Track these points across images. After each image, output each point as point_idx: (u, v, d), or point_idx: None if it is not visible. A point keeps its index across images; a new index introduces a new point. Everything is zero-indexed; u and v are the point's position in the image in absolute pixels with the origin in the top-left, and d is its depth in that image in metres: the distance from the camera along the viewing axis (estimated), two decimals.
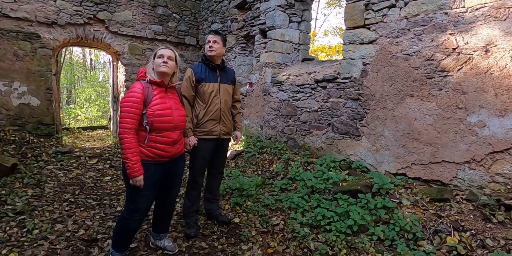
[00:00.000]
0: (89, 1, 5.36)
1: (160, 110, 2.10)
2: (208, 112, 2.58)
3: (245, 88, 5.46)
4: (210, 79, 2.59)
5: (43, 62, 5.08)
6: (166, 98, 2.19)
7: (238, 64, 5.64)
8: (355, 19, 3.31)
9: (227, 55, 5.92)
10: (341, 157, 3.67)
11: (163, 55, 2.14)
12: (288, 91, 4.40)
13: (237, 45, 5.61)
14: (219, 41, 2.57)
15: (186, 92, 2.56)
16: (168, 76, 2.20)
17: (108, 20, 5.60)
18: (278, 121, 4.63)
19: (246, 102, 5.39)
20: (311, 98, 4.04)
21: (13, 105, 4.94)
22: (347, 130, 3.55)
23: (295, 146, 4.34)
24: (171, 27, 6.43)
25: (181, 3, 6.50)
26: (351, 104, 3.48)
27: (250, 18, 5.13)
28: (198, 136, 2.60)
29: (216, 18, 6.22)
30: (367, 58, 3.25)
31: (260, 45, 4.98)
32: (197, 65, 2.65)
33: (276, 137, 4.69)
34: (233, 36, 5.70)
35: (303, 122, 4.18)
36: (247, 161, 4.52)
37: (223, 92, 2.64)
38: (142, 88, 2.08)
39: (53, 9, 5.06)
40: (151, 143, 2.11)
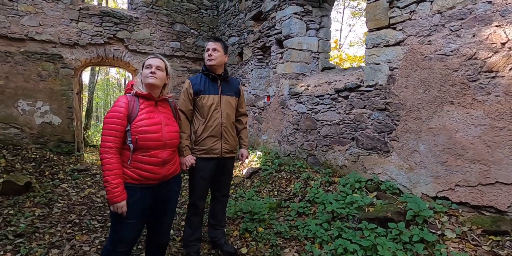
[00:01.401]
0: (109, 22, 5.51)
1: (146, 127, 1.84)
2: (207, 128, 2.30)
3: (262, 101, 5.17)
4: (210, 91, 2.32)
5: (65, 82, 5.22)
6: (155, 112, 1.94)
7: (255, 77, 5.40)
8: (378, 19, 2.93)
9: (244, 68, 5.73)
10: (367, 176, 3.17)
11: (151, 65, 1.92)
12: (307, 103, 4.03)
13: (253, 57, 5.41)
14: (219, 49, 2.32)
15: (183, 106, 2.31)
16: (158, 88, 1.96)
17: (127, 39, 5.71)
18: (297, 136, 4.24)
19: (264, 116, 5.08)
20: (331, 110, 3.63)
21: (36, 124, 5.07)
22: (374, 144, 3.07)
23: (315, 163, 3.90)
24: (189, 43, 6.43)
25: (198, 19, 6.52)
26: (377, 115, 3.03)
27: (266, 29, 4.92)
28: (196, 154, 2.30)
29: (233, 32, 6.12)
30: (394, 62, 2.82)
31: (276, 56, 4.71)
32: (196, 76, 2.40)
33: (295, 153, 4.29)
34: (250, 48, 5.51)
35: (323, 137, 3.75)
36: (263, 179, 4.13)
37: (224, 105, 2.35)
38: (127, 102, 1.85)
39: (75, 30, 5.24)
40: (136, 163, 1.85)
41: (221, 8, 6.67)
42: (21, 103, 4.92)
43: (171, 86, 2.14)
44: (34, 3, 4.90)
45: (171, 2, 6.14)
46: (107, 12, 5.52)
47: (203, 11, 6.55)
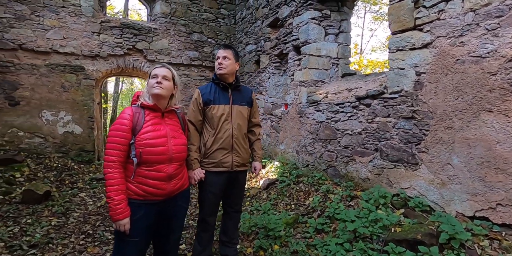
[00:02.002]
0: (129, 33, 5.64)
1: (151, 140, 1.75)
2: (217, 140, 2.17)
3: (280, 110, 5.02)
4: (220, 101, 2.20)
5: (87, 92, 5.36)
6: (162, 124, 1.84)
7: (272, 85, 5.27)
8: (403, 21, 2.71)
9: (261, 76, 5.63)
10: (393, 190, 2.90)
11: (157, 75, 1.84)
12: (326, 111, 3.83)
13: (270, 65, 5.29)
14: (230, 57, 2.21)
15: (192, 117, 2.20)
16: (164, 99, 1.87)
17: (146, 49, 5.81)
18: (315, 146, 4.03)
19: (281, 125, 4.91)
20: (352, 118, 3.40)
21: (58, 134, 5.21)
22: (400, 156, 2.81)
23: (335, 175, 3.66)
24: (206, 52, 6.44)
25: (216, 28, 6.54)
26: (403, 124, 2.77)
27: (283, 35, 4.81)
28: (206, 168, 2.18)
29: (250, 40, 6.06)
30: (421, 66, 2.58)
31: (294, 63, 4.57)
32: (206, 86, 2.30)
33: (314, 164, 4.07)
34: (267, 56, 5.41)
35: (344, 147, 3.52)
36: (280, 191, 3.94)
37: (235, 116, 2.22)
38: (131, 114, 1.77)
39: (97, 43, 5.40)
40: (140, 178, 1.75)
41: (238, 16, 6.66)
42: (45, 113, 5.09)
43: (179, 97, 2.04)
44: (59, 17, 5.11)
45: (188, 12, 6.21)
46: (127, 24, 5.66)
47: (220, 20, 6.57)
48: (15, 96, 4.89)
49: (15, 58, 4.87)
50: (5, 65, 4.80)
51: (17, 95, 4.90)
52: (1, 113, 4.83)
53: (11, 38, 4.80)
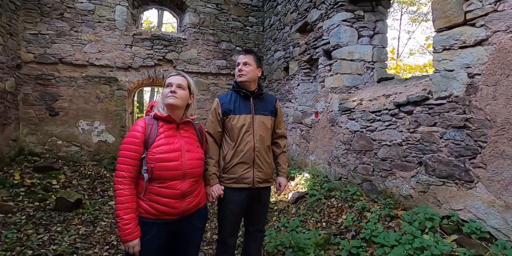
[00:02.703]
0: (159, 44, 5.77)
1: (163, 154, 1.61)
2: (237, 153, 1.99)
3: (310, 118, 4.74)
4: (241, 111, 2.03)
5: (119, 103, 5.53)
6: (176, 137, 1.71)
7: (301, 92, 5.03)
8: (450, 16, 2.36)
9: (290, 83, 5.41)
10: (442, 211, 2.49)
11: (172, 84, 1.71)
12: (360, 120, 3.50)
13: (299, 71, 5.07)
14: (251, 62, 2.04)
15: (211, 128, 2.05)
16: (179, 110, 1.74)
17: (175, 59, 5.90)
18: (349, 157, 3.69)
19: (312, 135, 4.63)
20: (391, 128, 3.05)
21: (93, 142, 5.41)
22: (450, 172, 2.41)
23: (372, 190, 3.29)
24: (234, 61, 6.39)
25: (244, 36, 6.48)
26: (453, 134, 2.39)
27: (313, 40, 4.57)
28: (225, 183, 2.00)
29: (278, 46, 5.90)
30: (474, 66, 2.21)
31: (324, 68, 4.30)
32: (226, 94, 2.14)
33: (347, 177, 3.72)
34: (295, 62, 5.20)
35: (382, 160, 3.16)
36: (310, 206, 3.64)
37: (258, 127, 2.03)
38: (144, 126, 1.66)
39: (129, 55, 5.58)
40: (152, 195, 1.61)
41: (267, 23, 6.56)
42: (81, 123, 5.33)
43: (195, 107, 1.90)
44: (95, 32, 5.37)
45: (217, 22, 6.24)
46: (158, 36, 5.80)
47: (248, 28, 6.52)
48: (55, 107, 5.17)
49: (56, 71, 5.18)
50: (47, 78, 5.12)
51: (57, 106, 5.19)
52: (42, 123, 5.13)
53: (53, 53, 5.11)
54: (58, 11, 5.16)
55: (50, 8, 5.11)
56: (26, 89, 5.01)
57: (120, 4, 5.53)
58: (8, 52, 4.61)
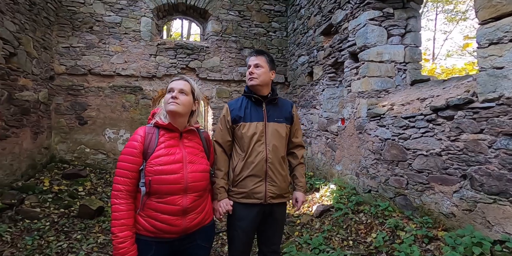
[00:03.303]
0: (182, 53, 5.83)
1: (162, 166, 1.47)
2: (247, 165, 1.80)
3: (336, 125, 4.44)
4: (252, 118, 1.84)
5: (144, 111, 5.63)
6: (178, 147, 1.56)
7: (327, 98, 4.75)
8: (497, 5, 2.03)
9: (315, 88, 5.15)
10: (493, 235, 2.09)
11: (173, 89, 1.58)
12: (391, 126, 3.16)
13: (324, 76, 4.80)
14: (263, 64, 1.86)
15: (219, 137, 1.89)
16: (182, 117, 1.59)
17: (198, 68, 5.91)
18: (379, 168, 3.34)
19: (338, 143, 4.31)
20: (428, 135, 2.69)
21: (118, 150, 5.52)
22: (503, 187, 2.03)
23: (406, 206, 2.92)
24: None
25: (267, 42, 6.36)
26: (505, 143, 2.01)
27: (337, 42, 4.31)
28: (234, 198, 1.81)
29: (302, 51, 5.69)
30: None
31: (350, 72, 4.01)
32: (236, 100, 1.98)
33: (377, 190, 3.36)
34: (320, 67, 4.95)
35: (417, 172, 2.79)
36: (335, 222, 3.32)
37: (271, 135, 1.83)
38: (143, 136, 1.53)
39: (153, 64, 5.69)
40: (150, 211, 1.47)
41: (290, 28, 6.39)
42: (108, 131, 5.47)
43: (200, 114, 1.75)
44: (121, 43, 5.55)
45: (239, 29, 6.19)
46: (181, 45, 5.87)
47: (271, 33, 6.40)
48: (84, 116, 5.37)
49: (85, 82, 5.40)
50: (77, 89, 5.34)
51: (86, 115, 5.38)
52: (72, 131, 5.34)
53: (83, 65, 5.35)
54: (88, 25, 5.41)
55: (80, 22, 5.37)
56: (58, 100, 5.26)
57: (145, 15, 5.68)
58: (42, 65, 4.87)
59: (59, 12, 5.29)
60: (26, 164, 4.47)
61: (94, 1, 5.44)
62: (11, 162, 4.11)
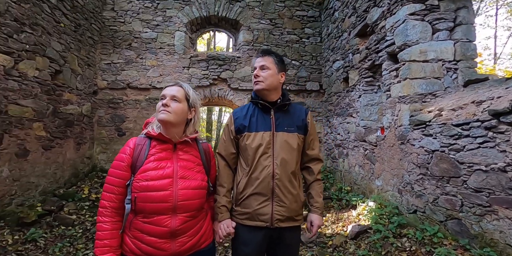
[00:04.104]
0: (214, 64, 5.86)
1: (149, 181, 1.33)
2: (251, 181, 1.57)
3: (375, 135, 3.98)
4: (258, 127, 1.62)
5: None
6: (170, 160, 1.41)
7: (364, 105, 4.31)
8: None
9: (351, 95, 4.74)
10: None
11: (165, 96, 1.45)
12: (440, 136, 2.67)
13: (360, 81, 4.39)
14: (270, 65, 1.64)
15: (222, 149, 1.69)
16: (176, 127, 1.44)
17: (229, 78, 5.88)
18: (426, 185, 2.83)
19: (377, 155, 3.84)
20: (487, 146, 2.19)
21: None
22: None
23: (461, 232, 2.38)
24: (290, 75, 6.05)
25: (300, 49, 6.12)
26: None
27: (374, 43, 3.92)
28: (237, 219, 1.59)
29: (337, 56, 5.34)
30: None
31: (389, 74, 3.58)
32: (242, 107, 1.78)
33: (424, 210, 2.85)
34: (355, 71, 4.55)
35: (474, 191, 2.28)
36: (373, 246, 2.87)
37: (279, 147, 1.58)
38: (132, 148, 1.41)
39: (187, 76, 5.80)
40: (136, 232, 1.33)
41: (324, 33, 6.09)
42: None
43: (199, 123, 1.58)
44: (157, 57, 5.78)
45: (271, 37, 6.06)
46: (213, 56, 5.92)
47: (304, 40, 6.15)
48: (122, 128, 5.63)
49: (124, 95, 5.69)
50: (116, 102, 5.65)
51: (124, 127, 5.63)
52: (111, 142, 5.62)
53: (122, 79, 5.66)
54: (127, 42, 5.74)
55: (121, 39, 5.73)
56: (100, 112, 5.61)
57: (179, 30, 5.87)
58: (86, 81, 5.25)
59: (102, 32, 5.71)
60: (69, 173, 4.76)
61: (133, 20, 5.78)
62: (55, 170, 4.40)
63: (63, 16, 4.47)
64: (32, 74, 3.85)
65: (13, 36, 3.50)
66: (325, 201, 4.37)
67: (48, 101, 4.19)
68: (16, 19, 3.53)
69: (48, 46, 4.13)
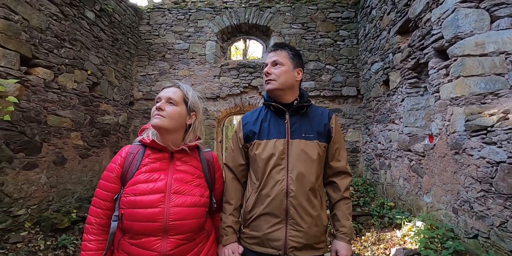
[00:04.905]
0: (244, 72, 5.76)
1: (136, 196, 1.16)
2: (261, 199, 1.32)
3: (422, 144, 3.47)
4: (270, 133, 1.38)
5: (208, 132, 5.68)
6: (165, 172, 1.24)
7: (408, 109, 3.82)
8: None
9: (392, 99, 4.26)
10: None
11: (160, 98, 1.29)
12: (507, 144, 2.17)
13: (403, 82, 3.92)
14: (284, 61, 1.39)
15: (230, 159, 1.48)
16: (172, 134, 1.28)
17: (260, 85, 5.72)
18: (489, 204, 2.31)
19: (425, 166, 3.32)
20: None
21: None
22: None
23: None
24: (324, 81, 5.69)
25: (334, 52, 5.76)
26: None
27: (418, 39, 3.47)
28: (246, 243, 1.34)
29: (375, 57, 4.89)
30: None
31: (437, 73, 3.11)
32: (254, 111, 1.56)
33: (488, 236, 2.31)
34: (397, 72, 4.08)
35: None
36: None
37: (295, 158, 1.32)
38: (124, 157, 1.26)
39: (217, 85, 5.77)
40: (123, 254, 1.16)
41: (361, 34, 5.67)
42: None
43: (201, 129, 1.40)
44: (189, 67, 5.86)
45: (303, 42, 5.81)
46: (243, 64, 5.83)
47: (339, 43, 5.79)
48: None
49: None
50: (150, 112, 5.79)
51: None
52: None
53: (156, 90, 5.81)
54: (161, 54, 5.93)
55: (155, 52, 5.93)
56: (136, 122, 5.79)
57: (210, 39, 5.91)
58: (122, 92, 5.47)
59: (139, 45, 5.98)
60: None
61: (167, 32, 5.97)
62: (91, 178, 4.55)
63: (101, 32, 4.72)
64: (71, 87, 4.06)
65: (54, 51, 3.73)
66: (365, 218, 3.90)
67: (86, 112, 4.39)
68: (56, 35, 3.77)
69: (86, 60, 4.37)
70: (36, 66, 3.49)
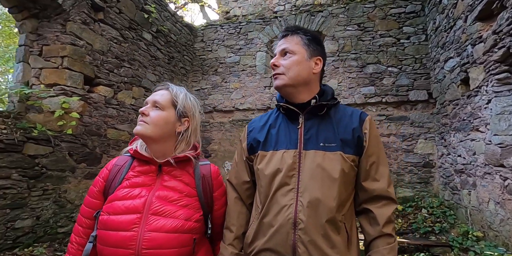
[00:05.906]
0: None
1: (110, 215, 1.00)
2: (263, 229, 1.01)
3: None
4: (278, 143, 1.07)
5: None
6: (148, 187, 1.07)
7: (497, 113, 2.99)
8: None
9: (474, 101, 3.44)
10: None
11: (147, 102, 1.14)
12: None
13: (489, 79, 3.12)
14: (295, 48, 1.08)
15: (233, 175, 1.22)
16: (158, 143, 1.11)
17: None
18: None
19: None
20: None
21: None
22: None
23: None
24: (386, 85, 5.01)
25: (398, 52, 5.06)
26: None
27: (507, 23, 2.72)
28: None
29: (449, 52, 4.09)
30: None
31: None
32: (263, 115, 1.28)
33: None
34: (479, 68, 3.29)
35: None
36: None
37: (309, 175, 0.99)
38: (110, 169, 1.14)
39: (268, 96, 5.63)
40: None
41: (430, 28, 4.87)
42: (226, 164, 5.66)
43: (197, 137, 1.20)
44: (239, 79, 5.88)
45: (360, 44, 5.28)
46: None
47: (403, 41, 5.07)
48: (208, 149, 5.82)
49: (211, 118, 5.95)
50: (204, 125, 5.94)
51: (210, 148, 5.82)
52: None
53: (209, 103, 5.96)
54: (214, 68, 6.11)
55: (208, 67, 6.15)
56: None
57: (260, 50, 5.87)
58: None
59: (194, 62, 6.28)
60: None
61: (219, 47, 6.15)
62: None
63: (157, 51, 5.07)
64: (129, 102, 4.39)
65: (114, 70, 4.10)
66: (442, 250, 3.11)
67: None
68: (116, 56, 4.14)
69: (143, 78, 4.70)
70: (98, 85, 3.86)
